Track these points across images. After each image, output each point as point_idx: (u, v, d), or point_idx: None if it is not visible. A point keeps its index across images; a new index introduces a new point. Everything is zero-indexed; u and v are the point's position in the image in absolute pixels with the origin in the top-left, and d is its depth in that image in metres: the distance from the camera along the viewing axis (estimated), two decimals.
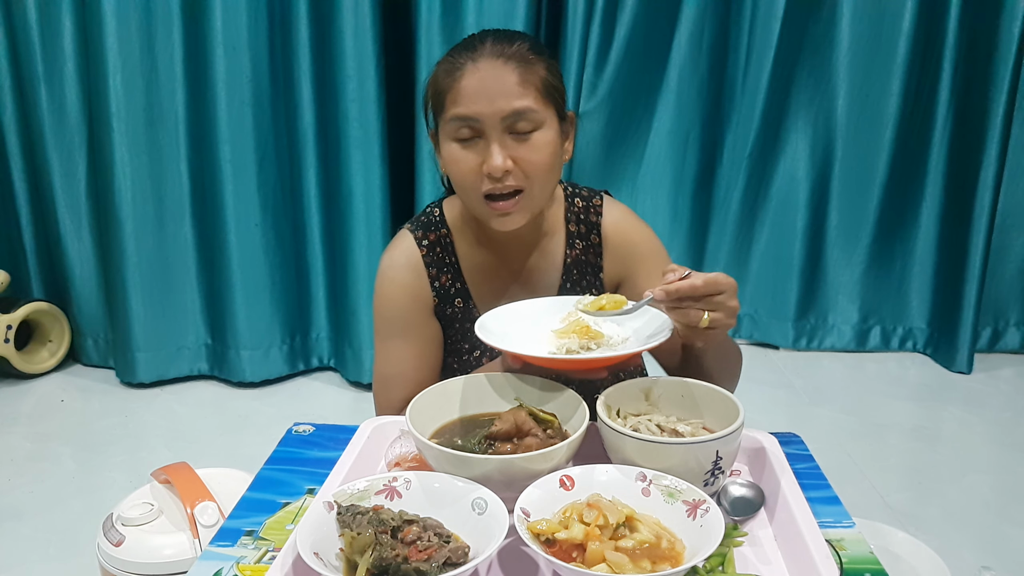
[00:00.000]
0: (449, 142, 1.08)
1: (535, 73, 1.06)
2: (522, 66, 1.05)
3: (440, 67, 1.10)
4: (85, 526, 1.85)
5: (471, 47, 1.07)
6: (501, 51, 1.05)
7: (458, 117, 1.05)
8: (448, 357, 1.24)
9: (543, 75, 1.07)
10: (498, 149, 1.04)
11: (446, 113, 1.07)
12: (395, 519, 0.76)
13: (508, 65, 1.04)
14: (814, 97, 2.84)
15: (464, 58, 1.06)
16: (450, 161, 1.08)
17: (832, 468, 1.02)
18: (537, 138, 1.06)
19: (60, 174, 2.68)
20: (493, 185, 1.05)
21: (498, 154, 1.03)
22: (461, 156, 1.07)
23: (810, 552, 0.77)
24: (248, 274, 2.65)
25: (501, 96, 1.03)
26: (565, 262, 1.22)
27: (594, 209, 1.23)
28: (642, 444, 0.85)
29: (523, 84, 1.04)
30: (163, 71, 2.50)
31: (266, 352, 2.72)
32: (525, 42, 1.08)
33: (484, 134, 1.05)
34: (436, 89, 1.10)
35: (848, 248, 2.96)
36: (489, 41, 1.07)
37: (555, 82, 1.09)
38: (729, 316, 0.94)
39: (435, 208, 1.24)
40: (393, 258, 1.20)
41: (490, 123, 1.04)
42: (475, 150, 1.06)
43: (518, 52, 1.06)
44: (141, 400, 2.66)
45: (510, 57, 1.05)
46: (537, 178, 1.07)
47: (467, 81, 1.04)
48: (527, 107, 1.04)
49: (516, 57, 1.05)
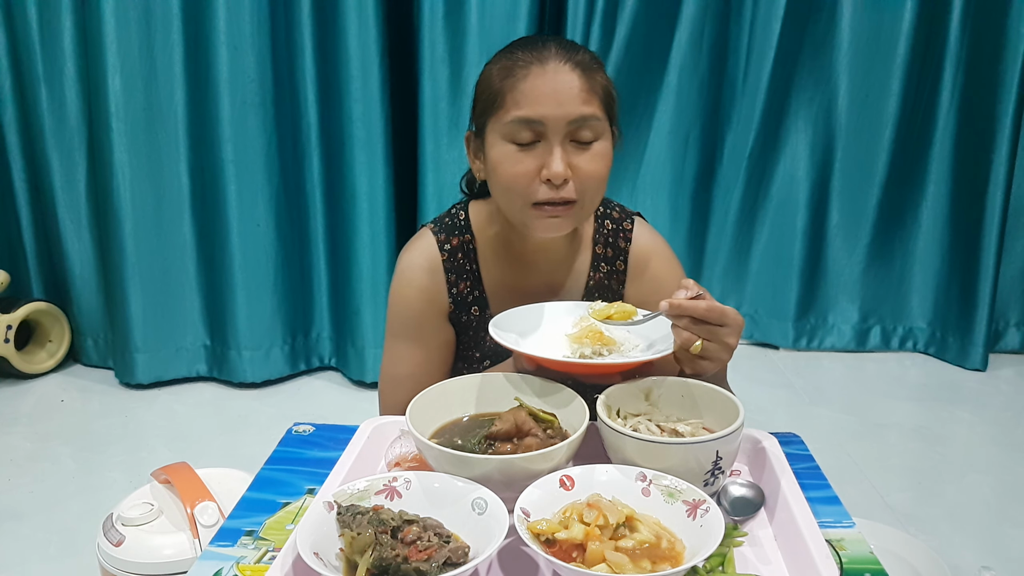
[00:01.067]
0: (503, 144, 1.03)
1: (598, 82, 1.04)
2: (588, 73, 1.02)
3: (495, 67, 1.06)
4: (85, 526, 1.85)
5: (535, 48, 1.03)
6: (568, 56, 1.02)
7: (521, 119, 1.01)
8: (458, 362, 1.23)
9: (605, 85, 1.05)
10: (561, 154, 1.00)
11: (504, 114, 1.02)
12: (395, 519, 0.76)
13: (575, 71, 1.01)
14: (814, 97, 2.84)
15: (529, 58, 1.02)
16: (502, 162, 1.03)
17: (832, 468, 1.02)
18: (597, 148, 1.03)
19: (60, 174, 2.68)
20: (550, 194, 1.02)
21: (560, 160, 1.00)
22: (516, 158, 1.02)
23: (810, 552, 0.77)
24: (250, 274, 2.64)
25: (569, 100, 1.00)
26: (588, 284, 1.20)
27: (624, 234, 1.20)
28: (642, 444, 0.85)
29: (589, 91, 1.02)
30: (163, 71, 2.49)
31: (267, 352, 2.72)
32: (588, 52, 1.05)
33: (545, 138, 1.01)
34: (491, 89, 1.05)
35: (848, 248, 2.97)
36: (554, 45, 1.04)
37: (614, 94, 1.07)
38: (723, 351, 0.94)
39: (460, 211, 1.20)
40: (413, 258, 1.18)
41: (555, 127, 1.00)
42: (532, 154, 1.02)
43: (583, 60, 1.03)
44: (141, 400, 2.66)
45: (577, 64, 1.02)
46: (590, 189, 1.04)
47: (533, 82, 1.01)
48: (592, 114, 1.01)
49: (582, 64, 1.02)
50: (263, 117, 2.54)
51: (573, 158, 1.02)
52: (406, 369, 1.18)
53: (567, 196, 1.02)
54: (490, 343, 1.11)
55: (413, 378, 1.14)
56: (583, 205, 1.05)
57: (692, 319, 0.92)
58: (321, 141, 2.61)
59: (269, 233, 2.64)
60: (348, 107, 2.50)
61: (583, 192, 1.04)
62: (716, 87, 2.82)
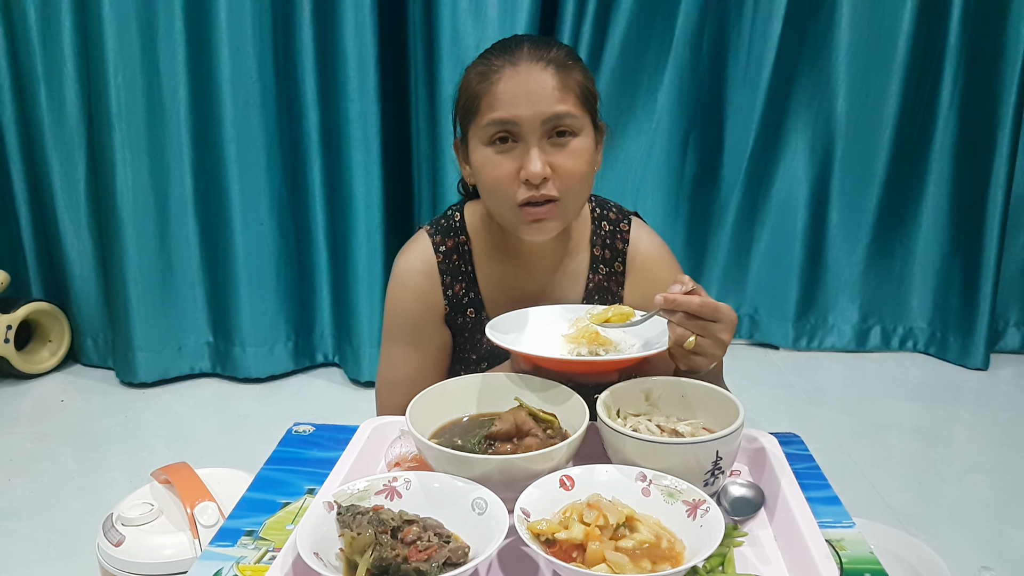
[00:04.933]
0: (482, 147, 1.04)
1: (574, 79, 1.04)
2: (561, 71, 1.02)
3: (472, 72, 1.06)
4: (85, 526, 1.85)
5: (507, 51, 1.04)
6: (540, 55, 1.02)
7: (495, 121, 1.01)
8: (455, 364, 1.23)
9: (581, 81, 1.05)
10: (538, 154, 1.00)
11: (481, 118, 1.03)
12: (395, 519, 0.76)
13: (548, 69, 1.01)
14: (814, 97, 2.84)
15: (501, 61, 1.03)
16: (483, 167, 1.04)
17: (832, 468, 1.02)
18: (575, 145, 1.03)
19: (60, 174, 2.69)
20: (530, 193, 1.02)
21: (537, 159, 1.00)
22: (496, 161, 1.03)
23: (810, 552, 0.77)
24: (254, 273, 2.67)
25: (542, 100, 1.00)
26: (587, 286, 1.20)
27: (621, 235, 1.20)
28: (642, 444, 0.85)
29: (563, 89, 1.01)
30: (165, 71, 2.50)
31: (271, 348, 2.74)
32: (562, 48, 1.05)
33: (522, 138, 1.01)
34: (469, 94, 1.06)
35: (848, 248, 2.97)
36: (526, 45, 1.04)
37: (592, 89, 1.07)
38: (716, 346, 0.94)
39: (456, 212, 1.20)
40: (408, 261, 1.17)
41: (529, 127, 1.01)
42: (511, 156, 1.02)
43: (557, 57, 1.03)
44: (141, 400, 2.66)
45: (550, 61, 1.02)
46: (572, 187, 1.04)
47: (506, 84, 1.01)
48: (567, 111, 1.01)
49: (555, 62, 1.02)
50: (265, 117, 2.56)
51: (552, 157, 1.02)
52: (403, 373, 1.18)
53: (548, 194, 1.02)
54: (487, 345, 1.11)
55: (410, 382, 1.13)
56: (566, 204, 1.05)
57: (686, 315, 0.93)
58: (321, 141, 2.62)
59: (272, 231, 2.66)
60: (346, 107, 2.51)
61: (565, 190, 1.03)
62: (716, 87, 2.82)
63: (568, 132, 1.02)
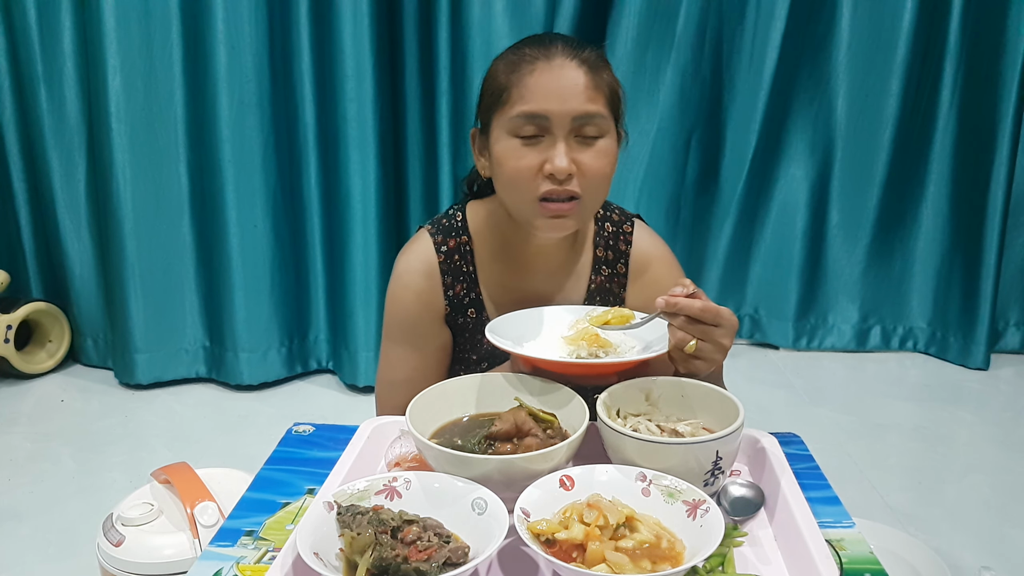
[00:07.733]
0: (507, 138, 1.03)
1: (605, 81, 1.04)
2: (594, 71, 1.02)
3: (502, 63, 1.06)
4: (85, 526, 1.85)
5: (541, 44, 1.03)
6: (575, 53, 1.02)
7: (525, 114, 1.01)
8: (455, 365, 1.22)
9: (611, 84, 1.05)
10: (564, 149, 1.00)
11: (509, 108, 1.02)
12: (395, 519, 0.76)
13: (582, 68, 1.01)
14: (814, 97, 2.84)
15: (536, 53, 1.02)
16: (506, 157, 1.03)
17: (832, 468, 1.02)
18: (601, 145, 1.03)
19: (60, 174, 2.68)
20: (552, 187, 1.01)
21: (564, 155, 1.00)
22: (520, 152, 1.02)
23: (810, 552, 0.77)
24: (248, 276, 2.63)
25: (573, 97, 1.00)
26: (589, 288, 1.19)
27: (624, 236, 1.20)
28: (642, 444, 0.85)
29: (595, 89, 1.02)
30: (162, 71, 2.49)
31: (264, 354, 2.70)
32: (595, 50, 1.05)
33: (549, 133, 1.01)
34: (497, 83, 1.05)
35: (848, 248, 2.97)
36: (560, 42, 1.04)
37: (620, 94, 1.07)
38: (717, 351, 0.94)
39: (457, 212, 1.19)
40: (409, 262, 1.17)
41: (559, 122, 1.00)
42: (536, 149, 1.01)
43: (590, 57, 1.03)
44: (141, 400, 2.66)
45: (583, 60, 1.02)
46: (594, 187, 1.04)
47: (539, 77, 1.01)
48: (597, 112, 1.01)
49: (588, 62, 1.03)
50: (260, 117, 2.53)
51: (577, 154, 1.02)
52: (402, 374, 1.17)
53: (571, 190, 1.02)
54: (487, 346, 1.11)
55: (410, 382, 1.13)
56: (586, 202, 1.05)
57: (687, 318, 0.93)
58: (318, 141, 2.59)
59: (266, 234, 2.62)
60: (344, 107, 2.49)
61: (587, 189, 1.03)
62: (716, 87, 2.82)
63: (595, 132, 1.02)
